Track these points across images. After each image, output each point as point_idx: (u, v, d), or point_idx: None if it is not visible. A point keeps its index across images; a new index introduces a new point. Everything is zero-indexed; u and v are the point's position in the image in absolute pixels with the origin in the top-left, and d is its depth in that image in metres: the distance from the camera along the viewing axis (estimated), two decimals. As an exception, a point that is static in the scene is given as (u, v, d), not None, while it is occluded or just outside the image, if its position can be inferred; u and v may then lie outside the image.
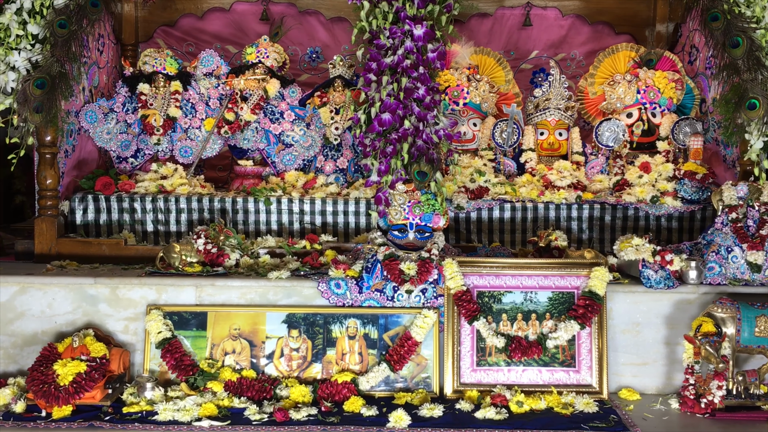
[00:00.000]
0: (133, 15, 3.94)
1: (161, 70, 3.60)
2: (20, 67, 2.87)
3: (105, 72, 3.71)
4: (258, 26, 4.15)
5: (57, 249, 3.16)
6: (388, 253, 2.93)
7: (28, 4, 2.85)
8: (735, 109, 2.95)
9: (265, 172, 3.65)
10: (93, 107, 3.52)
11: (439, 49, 3.07)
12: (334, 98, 3.72)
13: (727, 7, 2.89)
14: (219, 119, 3.60)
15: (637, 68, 3.68)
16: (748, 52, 2.89)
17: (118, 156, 3.60)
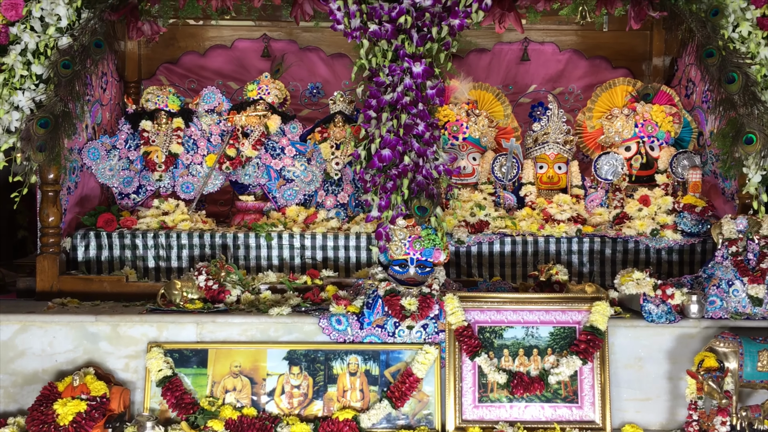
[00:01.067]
0: (136, 53, 3.99)
1: (163, 107, 3.64)
2: (24, 106, 2.90)
3: (108, 109, 3.75)
4: (259, 62, 4.20)
5: (58, 286, 3.16)
6: (389, 288, 2.94)
7: (33, 45, 2.89)
8: (732, 144, 2.97)
9: (266, 207, 3.67)
10: (96, 144, 3.56)
11: (438, 86, 3.10)
12: (334, 134, 3.75)
13: (722, 44, 2.93)
14: (221, 155, 3.63)
15: (634, 102, 3.72)
16: (744, 88, 2.92)
17: (120, 192, 3.62)
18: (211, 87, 3.78)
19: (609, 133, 3.71)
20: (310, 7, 3.04)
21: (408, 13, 3.01)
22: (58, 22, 2.90)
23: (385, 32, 3.02)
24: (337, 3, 3.03)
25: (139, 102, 3.74)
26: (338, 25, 3.08)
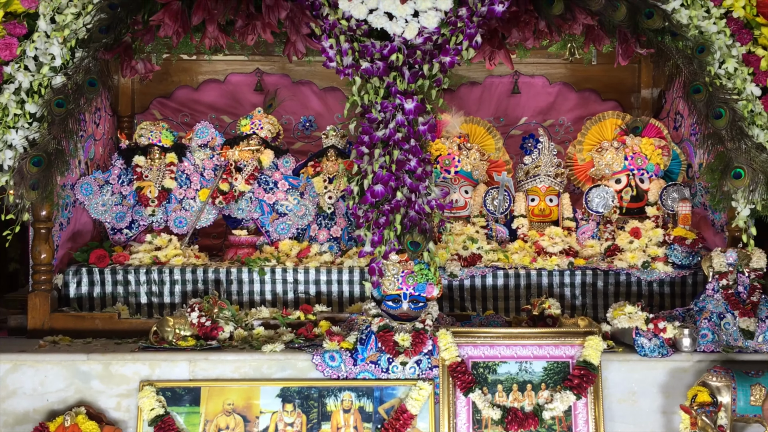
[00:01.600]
0: (129, 87, 4.02)
1: (157, 143, 3.65)
2: (17, 145, 2.91)
3: (101, 144, 3.76)
4: (252, 96, 4.23)
5: (50, 324, 3.15)
6: (383, 324, 2.94)
7: (27, 84, 2.91)
8: (721, 178, 3.00)
9: (259, 241, 3.68)
10: (89, 180, 3.56)
11: (429, 122, 3.14)
12: (327, 168, 3.77)
13: (709, 80, 2.97)
14: (213, 190, 3.64)
15: (623, 135, 3.76)
16: (731, 123, 2.96)
17: (113, 227, 3.62)
18: (205, 122, 3.80)
19: (599, 165, 3.75)
20: (302, 45, 3.07)
21: (399, 51, 3.06)
22: (52, 61, 2.91)
23: (376, 70, 3.06)
24: (329, 41, 3.07)
25: (132, 137, 3.76)
26: (330, 63, 3.11)
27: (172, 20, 2.93)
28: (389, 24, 3.05)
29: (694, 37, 2.98)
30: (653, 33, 3.01)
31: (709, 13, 2.98)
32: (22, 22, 2.93)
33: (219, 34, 3.01)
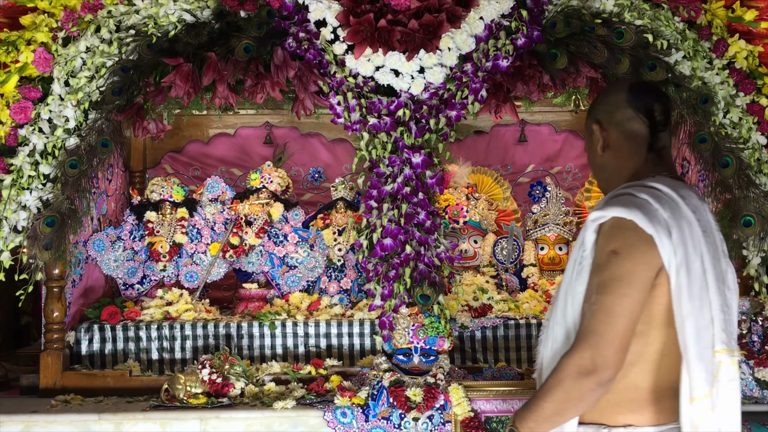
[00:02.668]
0: (141, 143, 4.07)
1: (168, 198, 3.70)
2: (31, 205, 2.95)
3: (113, 199, 3.81)
4: (262, 149, 4.28)
5: (62, 383, 3.15)
6: (394, 379, 2.92)
7: (41, 146, 2.96)
8: (730, 226, 3.00)
9: (269, 294, 3.69)
10: (101, 236, 3.60)
11: (437, 175, 3.17)
12: (336, 220, 3.79)
13: (714, 130, 2.99)
14: (224, 244, 3.67)
15: (631, 182, 3.77)
16: (738, 171, 2.97)
17: (125, 283, 3.65)
18: (215, 176, 3.85)
19: (608, 213, 3.75)
20: (310, 102, 3.12)
21: (406, 107, 3.11)
22: (66, 123, 2.97)
23: (384, 125, 3.11)
24: (337, 98, 3.13)
25: (143, 192, 3.81)
26: (338, 119, 3.17)
27: (183, 81, 3.00)
28: (396, 80, 3.11)
29: (697, 87, 3.01)
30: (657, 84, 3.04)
31: (711, 65, 3.02)
32: (37, 85, 3.00)
33: (229, 94, 3.08)
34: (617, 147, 1.78)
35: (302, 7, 3.09)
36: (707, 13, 3.02)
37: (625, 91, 1.79)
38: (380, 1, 3.08)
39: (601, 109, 1.81)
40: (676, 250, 1.58)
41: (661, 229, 1.58)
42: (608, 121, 1.79)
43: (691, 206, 1.65)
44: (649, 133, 1.75)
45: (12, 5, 3.04)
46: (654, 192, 1.65)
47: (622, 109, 1.77)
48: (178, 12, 2.98)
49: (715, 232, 1.70)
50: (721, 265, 1.66)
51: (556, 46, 3.07)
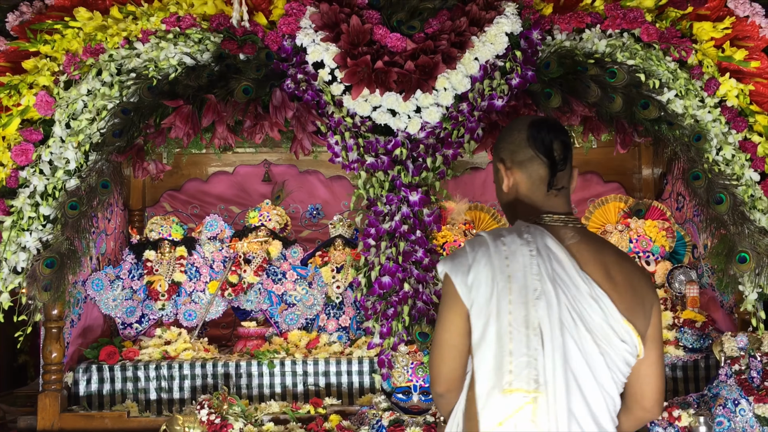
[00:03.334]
0: (140, 182, 4.10)
1: (167, 237, 3.72)
2: (31, 247, 2.96)
3: (112, 238, 3.82)
4: (260, 186, 4.31)
5: (60, 425, 3.13)
6: (393, 418, 2.91)
7: (41, 188, 2.98)
8: (726, 261, 3.02)
9: (268, 332, 3.68)
10: (100, 275, 3.61)
11: (434, 213, 3.19)
12: (335, 257, 3.81)
13: (707, 166, 3.03)
14: (223, 282, 3.68)
15: (627, 218, 3.80)
16: (732, 208, 2.99)
17: (123, 322, 3.65)
18: (214, 214, 3.87)
19: (605, 248, 3.77)
20: (308, 142, 3.15)
21: (403, 146, 3.14)
22: (67, 165, 2.99)
23: (381, 164, 3.14)
24: (335, 138, 3.16)
25: (143, 231, 3.83)
26: (336, 158, 3.20)
27: (182, 123, 3.03)
28: (393, 120, 3.15)
29: (690, 125, 3.05)
30: (650, 122, 3.08)
31: (703, 103, 3.06)
32: (38, 128, 3.02)
33: (228, 135, 3.11)
34: (518, 187, 1.83)
35: (300, 49, 3.14)
36: (698, 53, 3.07)
37: (526, 130, 1.82)
38: (377, 43, 3.13)
39: (504, 148, 1.85)
40: (470, 291, 1.71)
41: (460, 275, 1.72)
42: (511, 160, 1.83)
43: (505, 252, 1.72)
44: (547, 174, 1.79)
45: (15, 50, 3.08)
46: (478, 239, 1.78)
47: (524, 148, 1.81)
48: (178, 55, 3.03)
49: (531, 275, 1.71)
50: (528, 309, 1.68)
51: (550, 86, 3.12)
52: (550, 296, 1.69)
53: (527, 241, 1.73)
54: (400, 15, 3.16)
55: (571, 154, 1.84)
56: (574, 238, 1.78)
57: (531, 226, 1.78)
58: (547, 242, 1.74)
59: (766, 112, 3.08)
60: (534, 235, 1.75)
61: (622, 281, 1.76)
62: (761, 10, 3.08)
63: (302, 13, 3.12)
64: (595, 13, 3.12)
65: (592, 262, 1.76)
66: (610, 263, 1.78)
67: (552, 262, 1.72)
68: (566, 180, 1.82)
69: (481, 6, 3.15)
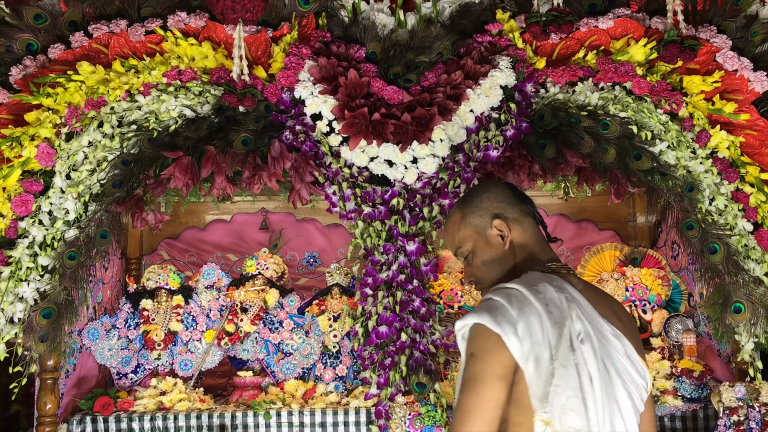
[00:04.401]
0: (138, 230, 4.11)
1: (164, 286, 3.72)
2: (28, 297, 2.96)
3: (109, 287, 3.82)
4: (258, 234, 4.32)
5: (53, 477, 3.09)
6: (391, 471, 2.88)
7: (40, 238, 3.00)
8: (721, 311, 3.03)
9: (264, 382, 3.66)
10: (96, 325, 3.59)
11: (431, 262, 3.22)
12: (331, 306, 3.80)
13: (701, 217, 3.06)
14: (219, 331, 3.67)
15: (623, 266, 3.82)
16: (727, 258, 3.02)
17: (118, 372, 3.62)
18: (211, 263, 3.88)
19: (601, 297, 3.78)
20: (306, 192, 3.19)
21: (400, 196, 3.18)
22: (66, 215, 3.02)
23: (378, 214, 3.17)
24: (332, 188, 3.20)
25: (140, 280, 3.83)
26: (334, 208, 3.23)
27: (182, 173, 3.07)
28: (390, 170, 3.20)
29: (682, 176, 3.10)
30: (643, 173, 3.13)
31: (695, 154, 3.11)
32: (39, 179, 3.05)
33: (227, 185, 3.15)
34: (516, 241, 1.88)
35: (299, 101, 3.20)
36: (689, 106, 3.13)
37: (509, 189, 1.94)
38: (374, 96, 3.20)
39: (495, 206, 1.90)
40: (523, 343, 1.66)
41: (508, 326, 1.66)
42: (506, 217, 1.89)
43: (544, 300, 1.73)
44: (536, 226, 1.92)
45: (17, 102, 3.13)
46: (509, 291, 1.75)
47: (514, 205, 1.91)
48: (179, 108, 3.08)
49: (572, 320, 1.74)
50: (575, 354, 1.70)
51: (544, 137, 3.17)
52: (592, 338, 1.73)
53: (559, 288, 1.76)
54: (397, 68, 3.23)
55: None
56: (580, 284, 1.84)
57: (548, 274, 1.81)
58: (568, 288, 1.78)
59: (757, 163, 3.13)
60: (559, 281, 1.79)
61: (628, 323, 1.87)
62: (749, 64, 3.15)
63: (301, 66, 3.19)
64: (587, 67, 3.19)
65: (602, 305, 1.82)
66: (614, 305, 1.88)
67: (580, 305, 1.77)
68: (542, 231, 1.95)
69: (476, 60, 3.22)
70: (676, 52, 3.01)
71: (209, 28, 3.21)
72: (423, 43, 3.26)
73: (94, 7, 3.24)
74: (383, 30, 3.33)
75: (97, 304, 3.70)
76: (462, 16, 3.38)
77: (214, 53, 3.17)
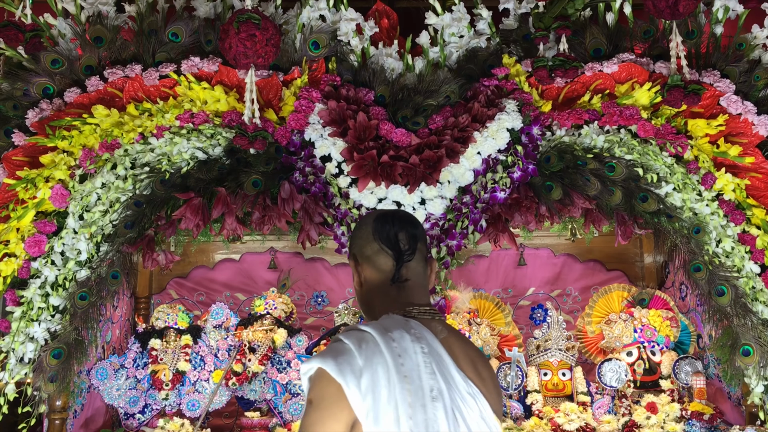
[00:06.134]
0: (148, 270, 4.13)
1: (173, 325, 3.73)
2: (39, 337, 2.98)
3: (118, 326, 3.83)
4: (266, 274, 4.35)
5: None
6: None
7: (52, 278, 3.03)
8: (730, 353, 3.02)
9: (271, 423, 3.64)
10: (104, 364, 3.60)
11: (439, 303, 3.23)
12: (339, 346, 3.80)
13: (708, 259, 3.07)
14: (227, 371, 3.66)
15: (631, 307, 3.82)
16: (735, 300, 3.02)
17: (126, 412, 3.61)
18: (220, 303, 3.89)
19: (609, 338, 3.78)
20: (315, 233, 3.22)
21: (408, 237, 3.20)
22: (78, 255, 3.05)
23: (387, 255, 3.19)
24: (341, 228, 3.23)
25: (149, 319, 3.84)
26: (343, 249, 3.25)
27: (193, 214, 3.11)
28: (398, 211, 3.22)
29: (689, 218, 3.12)
30: (649, 215, 3.15)
31: (701, 196, 3.13)
32: (52, 220, 3.10)
33: (237, 225, 3.18)
34: (370, 281, 1.77)
35: (309, 143, 3.24)
36: (693, 148, 3.16)
37: (371, 224, 1.79)
38: (382, 138, 3.24)
39: (354, 244, 1.81)
40: (365, 398, 1.54)
41: (351, 377, 1.54)
42: (361, 255, 1.79)
43: (397, 350, 1.60)
44: (393, 266, 1.75)
45: (33, 145, 3.19)
46: (361, 335, 1.63)
47: (371, 242, 1.77)
48: (191, 150, 3.13)
49: (425, 375, 1.61)
50: (426, 412, 1.57)
51: (551, 179, 3.20)
52: (445, 396, 1.60)
53: (417, 337, 1.64)
54: (405, 111, 3.28)
55: (423, 245, 1.80)
56: (443, 332, 1.71)
57: (410, 319, 1.69)
58: (428, 336, 1.66)
59: (762, 206, 3.14)
60: (419, 329, 1.66)
61: (489, 377, 1.72)
62: (753, 108, 3.19)
63: (311, 109, 3.24)
64: (593, 110, 3.23)
65: (463, 357, 1.69)
66: (476, 359, 1.72)
67: (438, 357, 1.64)
68: (419, 272, 1.78)
69: (482, 103, 3.27)
70: (680, 96, 3.05)
71: (222, 72, 3.28)
72: (431, 86, 3.32)
73: (110, 52, 3.32)
74: (392, 74, 3.39)
75: (106, 344, 3.71)
76: (469, 60, 3.44)
77: (227, 97, 3.24)
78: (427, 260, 1.81)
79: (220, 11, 3.36)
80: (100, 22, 3.30)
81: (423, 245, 1.80)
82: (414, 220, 1.83)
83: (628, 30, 3.34)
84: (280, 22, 3.38)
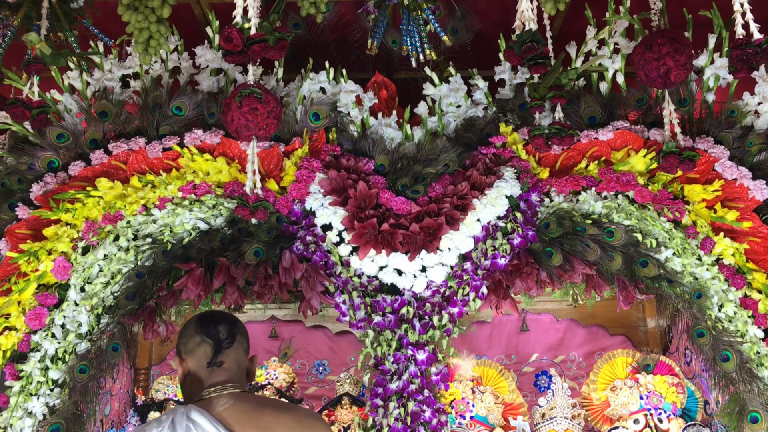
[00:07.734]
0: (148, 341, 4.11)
1: (172, 397, 3.68)
2: (37, 412, 2.94)
3: (117, 398, 3.79)
4: (267, 343, 4.32)
5: None
6: None
7: (52, 351, 3.01)
8: (738, 420, 2.98)
9: (272, 498, 3.55)
10: (102, 438, 3.55)
11: (441, 371, 3.19)
12: (341, 416, 3.75)
13: (711, 324, 3.06)
14: (227, 444, 3.60)
15: (636, 373, 3.78)
16: (740, 366, 2.99)
17: (123, 488, 3.54)
18: (220, 373, 3.86)
19: (615, 405, 3.72)
20: (317, 302, 3.21)
21: (409, 304, 3.20)
22: (79, 328, 3.04)
23: (388, 323, 3.18)
24: (342, 297, 3.23)
25: (148, 391, 3.79)
26: (344, 317, 3.25)
27: (194, 285, 3.11)
28: (399, 279, 3.23)
29: (690, 283, 3.12)
30: (650, 280, 3.15)
31: (701, 261, 3.14)
32: (54, 292, 3.10)
33: (238, 295, 3.18)
34: (191, 372, 2.12)
35: (309, 212, 3.27)
36: (691, 213, 3.19)
37: (195, 322, 2.19)
38: (383, 207, 3.28)
39: (180, 342, 2.18)
40: None
41: None
42: (185, 351, 2.15)
43: None
44: (212, 352, 2.12)
45: (36, 218, 3.21)
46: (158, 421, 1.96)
47: (193, 337, 2.16)
48: (193, 220, 3.16)
49: None
50: None
51: (550, 245, 3.22)
52: None
53: (160, 421, 1.96)
54: (405, 180, 3.33)
55: (243, 339, 2.21)
56: (227, 404, 2.00)
57: (179, 407, 1.99)
58: (191, 414, 1.94)
59: (762, 270, 3.15)
60: (174, 411, 1.96)
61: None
62: (748, 173, 3.23)
63: (312, 179, 3.29)
64: (590, 177, 3.27)
65: (245, 421, 1.97)
66: (267, 418, 2.00)
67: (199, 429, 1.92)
68: (237, 359, 2.16)
69: (481, 171, 3.32)
70: (675, 162, 3.09)
71: (224, 144, 3.34)
72: (429, 155, 3.37)
73: (115, 126, 3.38)
74: (391, 143, 3.45)
75: (105, 417, 3.66)
76: (467, 129, 3.51)
77: (229, 168, 3.28)
78: (247, 353, 2.21)
79: (223, 85, 3.44)
80: (106, 97, 3.38)
81: (243, 339, 2.22)
82: (234, 319, 2.24)
83: (621, 98, 3.41)
84: (282, 94, 3.46)
